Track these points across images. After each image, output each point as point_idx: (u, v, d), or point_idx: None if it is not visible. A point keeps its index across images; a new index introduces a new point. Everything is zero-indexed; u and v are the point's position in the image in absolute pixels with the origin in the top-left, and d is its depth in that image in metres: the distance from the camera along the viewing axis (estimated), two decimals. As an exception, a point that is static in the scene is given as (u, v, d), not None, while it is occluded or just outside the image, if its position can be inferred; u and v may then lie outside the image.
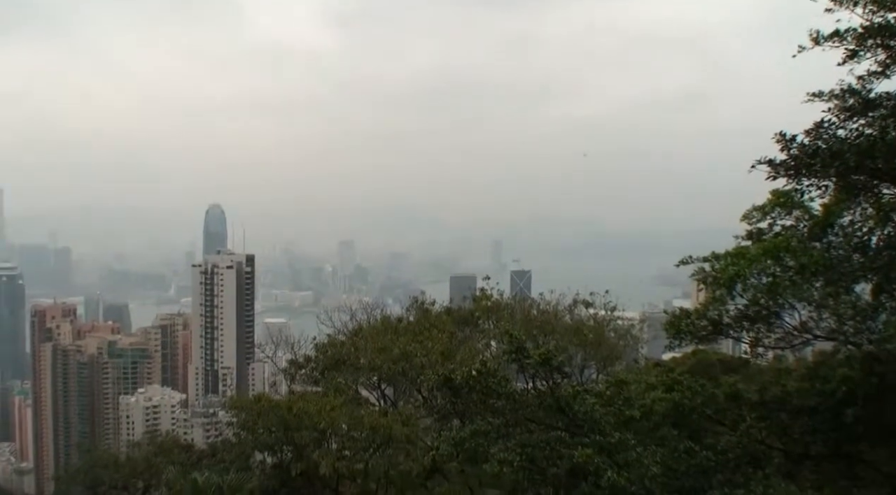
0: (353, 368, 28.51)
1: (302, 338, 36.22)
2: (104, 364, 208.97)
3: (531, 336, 27.04)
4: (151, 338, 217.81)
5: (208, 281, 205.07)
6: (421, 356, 26.19)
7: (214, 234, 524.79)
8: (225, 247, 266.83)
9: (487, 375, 15.93)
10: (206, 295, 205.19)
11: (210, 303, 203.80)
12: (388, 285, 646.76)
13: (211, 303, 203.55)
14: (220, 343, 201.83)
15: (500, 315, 32.35)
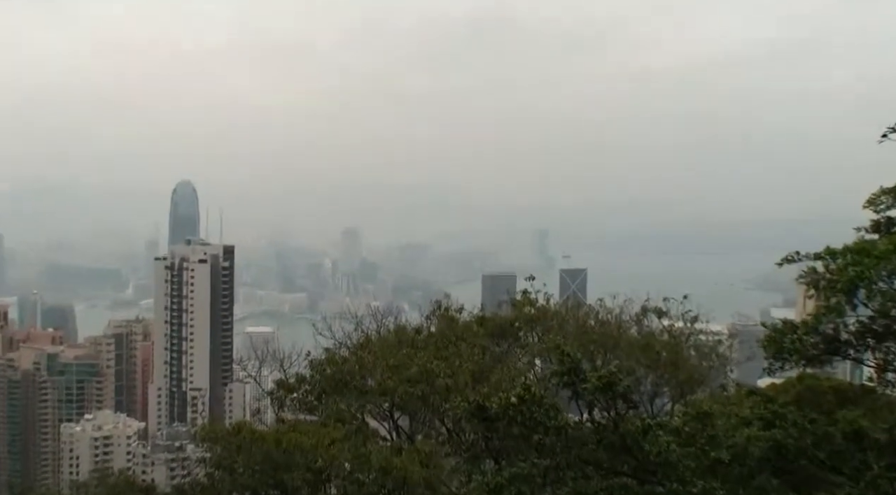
0: (358, 392, 28.52)
1: (294, 353, 36.31)
2: (42, 382, 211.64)
3: (587, 353, 26.87)
4: (103, 351, 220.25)
5: (175, 278, 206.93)
6: (445, 377, 26.13)
7: (183, 219, 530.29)
8: (196, 236, 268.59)
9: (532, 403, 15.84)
10: (172, 296, 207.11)
11: (177, 306, 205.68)
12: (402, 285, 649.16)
13: (179, 306, 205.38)
14: (189, 357, 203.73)
15: (546, 325, 32.23)
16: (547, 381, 21.68)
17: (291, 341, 40.53)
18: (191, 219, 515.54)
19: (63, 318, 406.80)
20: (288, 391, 30.57)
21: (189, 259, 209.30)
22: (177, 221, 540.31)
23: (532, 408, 15.77)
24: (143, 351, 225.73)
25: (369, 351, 30.67)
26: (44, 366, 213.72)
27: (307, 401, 29.91)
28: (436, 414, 27.84)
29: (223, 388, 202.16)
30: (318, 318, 42.72)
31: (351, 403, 28.51)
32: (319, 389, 29.69)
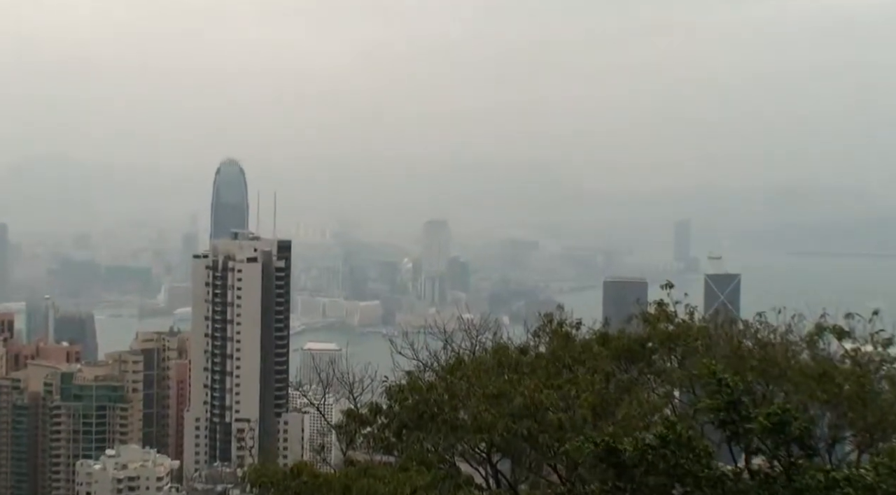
0: (447, 427, 28.42)
1: (366, 376, 36.47)
2: (54, 408, 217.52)
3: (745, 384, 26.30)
4: (128, 370, 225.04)
5: (218, 281, 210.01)
6: (558, 410, 25.90)
7: (228, 207, 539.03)
8: (245, 228, 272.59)
9: (677, 446, 15.57)
10: (214, 303, 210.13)
11: (221, 316, 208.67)
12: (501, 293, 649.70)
13: (222, 316, 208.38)
14: (234, 380, 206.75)
15: (689, 346, 31.70)
16: (692, 419, 21.29)
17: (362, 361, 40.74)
18: (237, 208, 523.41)
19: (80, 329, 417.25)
20: (360, 424, 30.67)
21: (235, 257, 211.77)
22: (220, 210, 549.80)
23: (677, 453, 15.50)
24: (179, 371, 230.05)
25: (462, 375, 30.55)
26: (56, 388, 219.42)
27: (383, 438, 29.94)
28: (545, 458, 27.61)
29: (276, 419, 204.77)
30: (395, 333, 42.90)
31: (438, 441, 28.44)
32: (399, 423, 29.69)
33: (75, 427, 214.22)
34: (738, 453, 16.83)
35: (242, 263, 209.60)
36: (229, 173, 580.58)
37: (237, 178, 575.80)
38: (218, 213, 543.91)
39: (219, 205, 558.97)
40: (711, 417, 16.14)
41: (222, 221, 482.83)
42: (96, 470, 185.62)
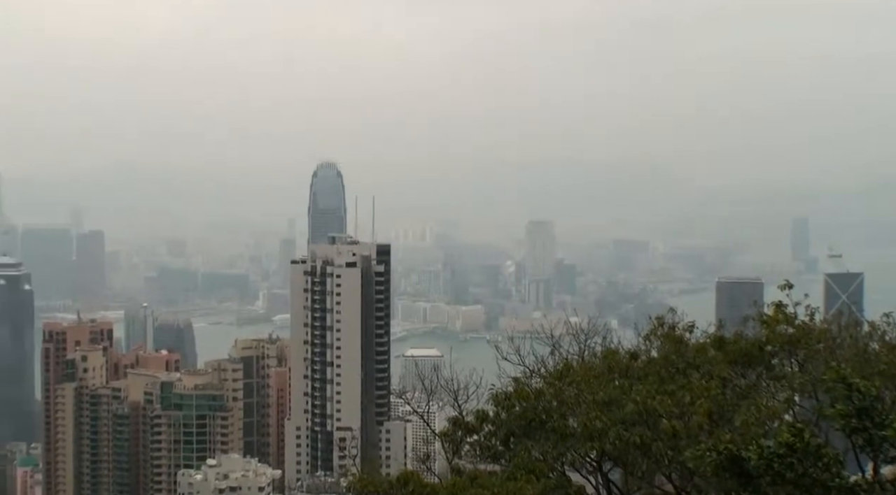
0: (556, 435, 28.41)
1: (471, 383, 36.51)
2: (155, 418, 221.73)
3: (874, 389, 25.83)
4: (228, 378, 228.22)
5: (317, 286, 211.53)
6: (672, 417, 25.72)
7: (326, 211, 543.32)
8: (343, 232, 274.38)
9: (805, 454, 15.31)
10: (313, 309, 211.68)
11: (320, 322, 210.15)
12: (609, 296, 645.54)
13: (321, 322, 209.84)
14: (335, 388, 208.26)
15: (811, 350, 31.20)
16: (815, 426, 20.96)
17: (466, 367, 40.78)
18: (335, 212, 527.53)
19: (179, 337, 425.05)
20: (466, 432, 30.73)
21: (334, 261, 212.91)
22: (318, 214, 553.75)
23: (805, 461, 15.24)
24: (278, 378, 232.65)
25: (570, 382, 30.51)
26: (157, 396, 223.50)
27: (490, 446, 30.02)
28: (659, 466, 27.39)
29: (378, 427, 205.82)
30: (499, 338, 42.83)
31: (547, 450, 28.42)
32: (506, 431, 29.74)
33: (176, 436, 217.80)
34: (864, 462, 16.52)
35: (341, 268, 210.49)
36: (327, 176, 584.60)
37: (335, 181, 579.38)
38: (315, 217, 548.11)
39: (316, 209, 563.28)
40: (842, 424, 15.84)
41: (320, 225, 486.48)
42: (198, 479, 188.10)
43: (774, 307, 33.70)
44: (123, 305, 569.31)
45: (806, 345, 31.22)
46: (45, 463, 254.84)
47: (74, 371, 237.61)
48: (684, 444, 24.37)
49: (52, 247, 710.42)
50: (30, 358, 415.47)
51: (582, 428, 27.71)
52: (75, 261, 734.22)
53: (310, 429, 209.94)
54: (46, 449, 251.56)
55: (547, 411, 28.93)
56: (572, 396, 28.87)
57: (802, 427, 17.70)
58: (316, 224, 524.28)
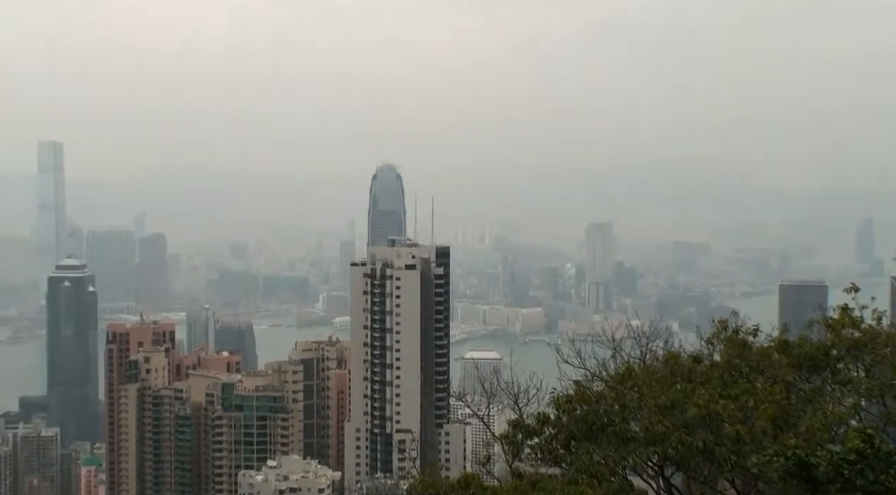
0: (618, 439, 28.33)
1: (531, 385, 36.51)
2: (216, 419, 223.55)
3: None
4: (288, 380, 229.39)
5: (377, 289, 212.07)
6: (736, 421, 25.59)
7: (385, 214, 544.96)
8: (402, 235, 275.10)
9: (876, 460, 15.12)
10: (373, 312, 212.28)
11: (380, 325, 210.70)
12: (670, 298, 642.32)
13: (381, 325, 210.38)
14: (395, 390, 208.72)
15: (877, 353, 30.86)
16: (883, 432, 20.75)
17: (526, 370, 40.76)
18: (395, 214, 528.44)
19: (240, 339, 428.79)
20: (526, 436, 30.72)
21: (393, 264, 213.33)
22: (377, 217, 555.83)
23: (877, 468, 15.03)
24: (338, 381, 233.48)
25: (632, 385, 30.43)
26: (218, 398, 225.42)
27: (551, 449, 29.97)
28: (722, 471, 27.29)
29: (437, 430, 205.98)
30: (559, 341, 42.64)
31: (609, 453, 28.33)
32: (567, 434, 29.68)
33: (237, 437, 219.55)
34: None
35: (401, 271, 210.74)
36: (386, 179, 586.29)
37: (394, 184, 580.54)
38: (375, 220, 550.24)
39: (376, 212, 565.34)
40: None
41: (380, 228, 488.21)
42: (258, 480, 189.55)
43: (840, 310, 33.38)
44: (185, 307, 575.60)
45: (873, 350, 30.90)
46: (108, 462, 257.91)
47: (137, 372, 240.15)
48: (748, 449, 24.26)
49: (116, 250, 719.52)
50: (94, 359, 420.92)
51: (644, 432, 27.63)
52: (138, 263, 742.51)
53: (369, 431, 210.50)
54: (110, 449, 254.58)
55: (608, 415, 28.88)
56: (634, 400, 28.82)
57: (873, 433, 17.47)
58: (375, 226, 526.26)
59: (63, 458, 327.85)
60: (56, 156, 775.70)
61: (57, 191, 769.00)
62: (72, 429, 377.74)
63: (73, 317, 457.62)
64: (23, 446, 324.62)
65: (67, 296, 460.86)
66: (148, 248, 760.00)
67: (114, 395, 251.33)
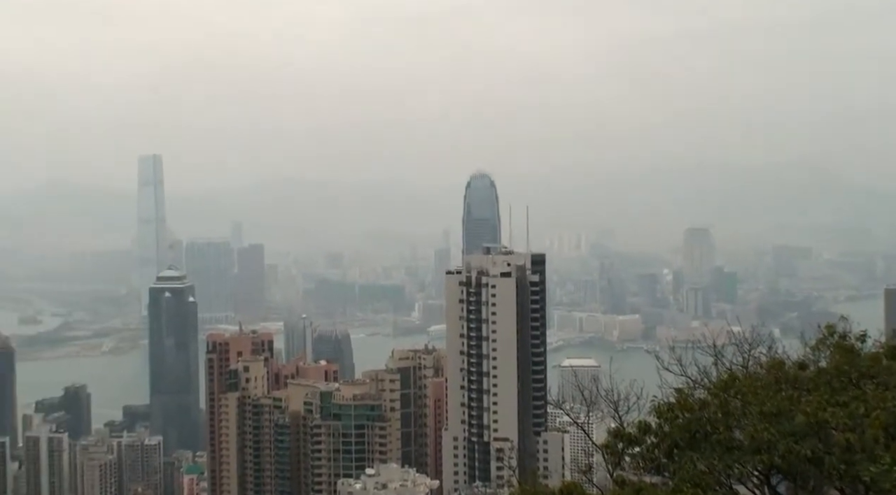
0: (722, 447, 27.86)
1: (631, 393, 36.11)
2: (315, 427, 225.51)
3: None
4: (386, 389, 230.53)
5: (472, 297, 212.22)
6: (846, 429, 25.01)
7: (480, 222, 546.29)
8: (497, 243, 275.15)
9: None
10: (468, 320, 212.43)
11: (476, 333, 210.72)
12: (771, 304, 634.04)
13: (477, 333, 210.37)
14: (492, 398, 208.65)
15: None
16: None
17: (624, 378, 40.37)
18: (489, 222, 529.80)
19: (337, 348, 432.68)
20: (627, 444, 30.37)
21: (489, 272, 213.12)
22: (472, 224, 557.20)
23: None
24: (435, 389, 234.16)
25: (735, 393, 29.94)
26: (316, 407, 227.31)
27: (653, 458, 29.57)
28: (831, 481, 26.64)
29: (535, 438, 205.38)
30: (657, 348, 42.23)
31: (713, 462, 27.85)
32: (669, 442, 29.25)
33: (335, 446, 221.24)
34: None
35: (496, 278, 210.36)
36: (480, 187, 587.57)
37: (488, 192, 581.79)
38: (470, 228, 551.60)
39: (470, 220, 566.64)
40: None
41: (474, 236, 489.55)
42: (357, 488, 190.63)
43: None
44: (283, 317, 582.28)
45: None
46: (210, 470, 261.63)
47: (237, 381, 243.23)
48: (858, 458, 23.72)
49: (215, 261, 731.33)
50: (194, 368, 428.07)
51: (749, 441, 27.16)
52: (237, 273, 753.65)
53: (467, 440, 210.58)
54: (211, 457, 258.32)
55: (712, 423, 28.43)
56: (738, 408, 28.35)
57: None
58: (470, 234, 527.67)
59: (166, 466, 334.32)
60: (156, 170, 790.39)
61: (157, 203, 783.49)
62: (174, 438, 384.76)
63: (174, 327, 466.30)
64: (127, 454, 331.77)
65: (168, 307, 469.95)
66: (246, 259, 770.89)
67: (214, 404, 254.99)
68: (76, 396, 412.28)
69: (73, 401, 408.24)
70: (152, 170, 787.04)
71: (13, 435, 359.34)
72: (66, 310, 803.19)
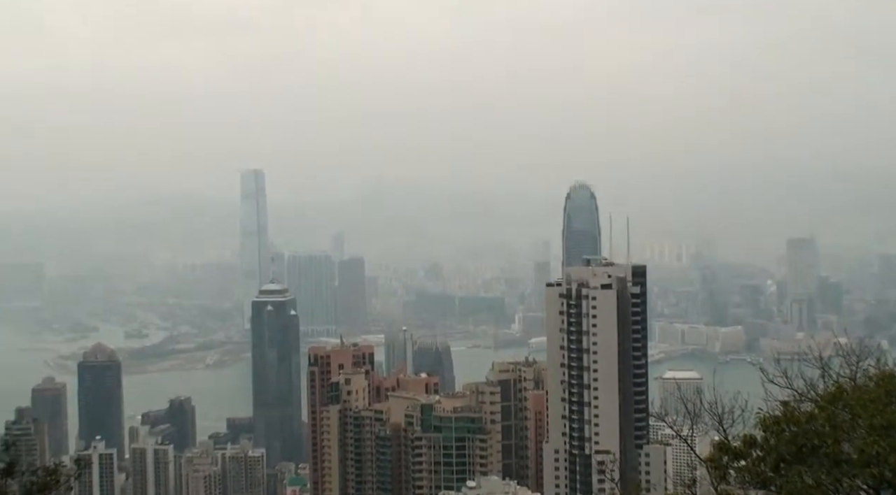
0: (830, 461, 27.48)
1: (735, 406, 35.77)
2: (415, 440, 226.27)
3: None
4: (486, 401, 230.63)
5: (572, 309, 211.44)
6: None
7: (580, 233, 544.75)
8: (598, 254, 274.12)
9: None
10: (569, 332, 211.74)
11: (576, 345, 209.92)
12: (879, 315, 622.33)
13: (578, 345, 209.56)
14: (593, 410, 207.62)
15: None
16: None
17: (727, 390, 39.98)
18: (589, 233, 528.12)
19: (437, 360, 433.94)
20: (733, 458, 30.10)
21: (589, 284, 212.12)
22: (572, 236, 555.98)
23: None
24: (536, 401, 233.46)
25: (843, 405, 29.52)
26: (417, 419, 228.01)
27: (759, 472, 29.24)
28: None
29: (637, 451, 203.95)
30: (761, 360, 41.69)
31: (820, 476, 27.50)
32: (776, 456, 28.91)
33: (436, 458, 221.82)
34: None
35: (597, 290, 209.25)
36: (580, 198, 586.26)
37: (588, 203, 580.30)
38: (570, 239, 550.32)
39: (570, 231, 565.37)
40: None
41: (574, 247, 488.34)
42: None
43: None
44: (383, 329, 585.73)
45: None
46: (312, 482, 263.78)
47: (338, 394, 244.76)
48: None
49: (316, 274, 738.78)
50: (296, 380, 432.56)
51: (858, 454, 26.76)
52: (337, 286, 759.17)
53: (568, 452, 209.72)
54: (313, 469, 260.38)
55: (819, 436, 28.07)
56: (846, 421, 27.94)
57: None
58: (570, 246, 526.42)
59: (269, 478, 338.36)
60: (258, 183, 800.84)
61: (259, 216, 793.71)
62: (277, 450, 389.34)
63: (277, 340, 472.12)
64: (231, 466, 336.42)
65: (270, 320, 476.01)
66: (347, 271, 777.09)
67: (316, 417, 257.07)
68: (181, 409, 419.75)
69: (178, 414, 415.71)
70: (254, 183, 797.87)
71: (120, 446, 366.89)
72: (170, 324, 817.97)
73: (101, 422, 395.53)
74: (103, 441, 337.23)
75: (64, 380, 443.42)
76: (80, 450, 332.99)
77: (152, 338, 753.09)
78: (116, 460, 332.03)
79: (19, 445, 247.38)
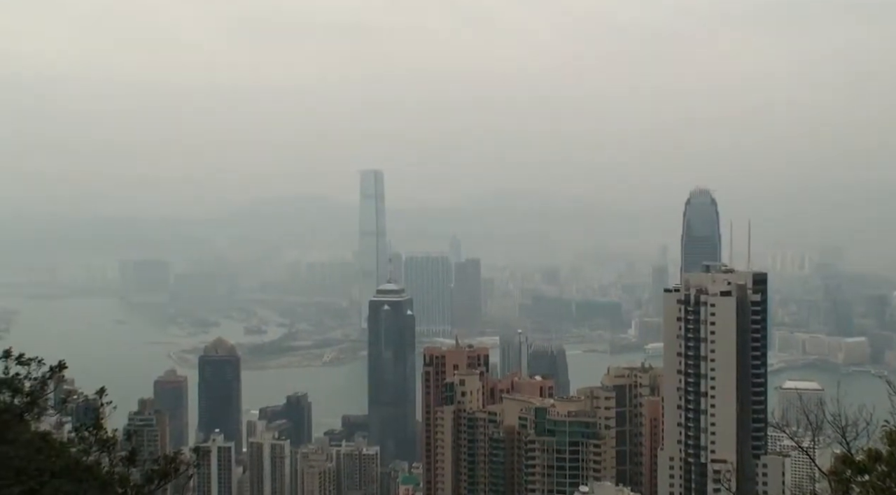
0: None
1: (859, 419, 34.87)
2: (529, 443, 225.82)
3: None
4: (601, 406, 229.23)
5: (690, 315, 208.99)
6: None
7: (699, 239, 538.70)
8: (717, 260, 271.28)
9: None
10: (686, 338, 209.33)
11: (694, 352, 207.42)
12: None
13: (695, 352, 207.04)
14: (709, 419, 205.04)
15: None
16: None
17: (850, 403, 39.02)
18: (709, 239, 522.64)
19: (552, 364, 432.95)
20: (856, 471, 29.31)
21: (708, 290, 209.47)
22: (691, 242, 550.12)
23: None
24: (651, 408, 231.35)
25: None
26: (531, 422, 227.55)
27: (884, 488, 28.48)
28: None
29: (755, 461, 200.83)
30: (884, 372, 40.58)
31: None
32: (902, 471, 28.15)
33: (549, 462, 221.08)
34: None
35: (716, 297, 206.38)
36: (700, 204, 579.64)
37: (708, 209, 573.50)
38: (689, 245, 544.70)
39: (690, 237, 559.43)
40: None
41: (693, 253, 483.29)
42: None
43: None
44: (499, 331, 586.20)
45: None
46: (425, 482, 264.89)
47: (453, 394, 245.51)
48: None
49: (432, 275, 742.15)
50: (411, 380, 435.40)
51: None
52: (453, 287, 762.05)
53: (683, 460, 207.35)
54: (427, 469, 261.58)
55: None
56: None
57: None
58: (689, 252, 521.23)
59: (382, 476, 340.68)
60: (377, 184, 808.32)
61: (378, 217, 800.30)
62: (391, 448, 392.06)
63: (393, 340, 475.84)
64: (345, 463, 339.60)
65: (387, 319, 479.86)
66: (463, 273, 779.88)
67: (430, 416, 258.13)
68: (298, 405, 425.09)
69: (294, 410, 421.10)
70: (373, 183, 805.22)
71: (238, 440, 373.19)
72: (289, 321, 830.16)
73: (219, 416, 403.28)
74: (222, 434, 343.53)
75: (185, 374, 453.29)
76: (200, 442, 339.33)
77: (271, 335, 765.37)
78: (234, 453, 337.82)
79: (141, 435, 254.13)
